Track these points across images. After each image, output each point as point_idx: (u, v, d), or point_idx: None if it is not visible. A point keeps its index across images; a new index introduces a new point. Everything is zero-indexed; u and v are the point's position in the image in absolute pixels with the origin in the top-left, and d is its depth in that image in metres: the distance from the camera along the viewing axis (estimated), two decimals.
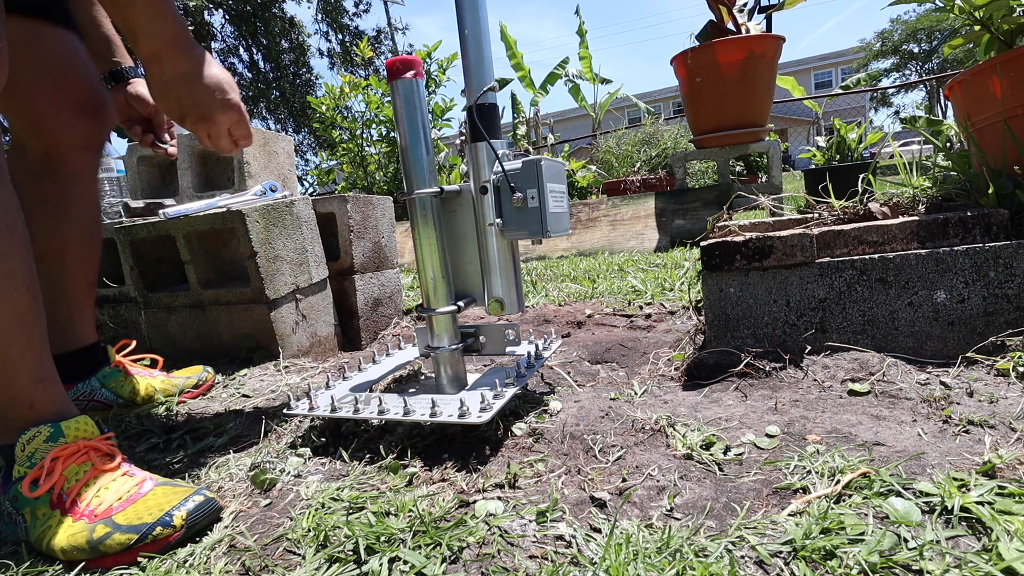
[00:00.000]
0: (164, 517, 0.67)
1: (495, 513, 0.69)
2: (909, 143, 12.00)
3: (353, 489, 0.78)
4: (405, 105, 0.95)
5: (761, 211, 2.94)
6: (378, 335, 1.90)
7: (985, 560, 0.52)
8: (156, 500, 0.69)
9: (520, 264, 1.03)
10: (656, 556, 0.58)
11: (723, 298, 1.14)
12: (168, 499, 0.70)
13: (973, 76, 1.19)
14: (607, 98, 8.83)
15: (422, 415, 0.88)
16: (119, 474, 0.73)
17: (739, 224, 1.24)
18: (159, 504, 0.69)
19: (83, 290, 1.11)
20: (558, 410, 0.99)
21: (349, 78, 5.18)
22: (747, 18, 3.77)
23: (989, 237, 1.03)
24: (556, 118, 12.81)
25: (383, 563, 0.60)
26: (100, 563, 0.65)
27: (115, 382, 1.15)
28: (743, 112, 3.78)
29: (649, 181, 5.65)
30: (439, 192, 0.97)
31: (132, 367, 1.19)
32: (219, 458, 0.95)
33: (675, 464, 0.78)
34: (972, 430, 0.78)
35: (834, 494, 0.66)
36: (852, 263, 1.07)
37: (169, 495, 0.71)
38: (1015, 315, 1.01)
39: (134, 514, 0.67)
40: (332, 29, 18.96)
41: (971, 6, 1.22)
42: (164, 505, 0.68)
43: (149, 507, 0.68)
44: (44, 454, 0.69)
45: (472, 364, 1.39)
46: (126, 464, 0.76)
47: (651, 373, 1.22)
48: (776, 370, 1.05)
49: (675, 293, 1.96)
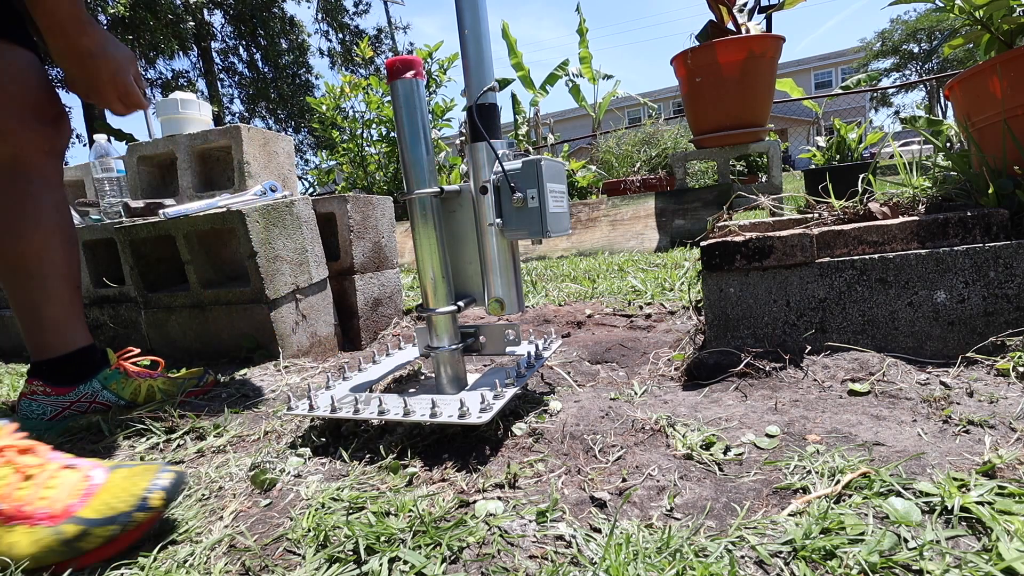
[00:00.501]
0: (141, 502, 0.65)
1: (495, 513, 0.69)
2: (909, 143, 12.00)
3: (353, 489, 0.78)
4: (405, 105, 0.95)
5: (761, 211, 2.94)
6: (378, 335, 1.90)
7: (985, 560, 0.52)
8: (122, 486, 0.67)
9: (520, 264, 1.03)
10: (656, 556, 0.58)
11: (723, 298, 1.14)
12: (135, 482, 0.68)
13: (973, 76, 1.19)
14: (607, 98, 8.82)
15: (422, 415, 0.88)
16: (55, 468, 0.68)
17: (739, 224, 1.24)
18: (127, 489, 0.66)
19: (70, 292, 1.11)
20: (558, 410, 0.99)
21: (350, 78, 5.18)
22: (747, 18, 3.77)
23: (989, 237, 1.03)
24: (556, 118, 12.80)
25: (383, 563, 0.60)
26: (84, 560, 0.64)
27: (116, 384, 1.15)
28: (743, 112, 3.78)
29: (649, 181, 5.65)
30: (439, 192, 0.97)
31: (133, 369, 1.19)
32: (219, 458, 0.95)
33: (675, 464, 0.78)
34: (972, 430, 0.78)
35: (834, 494, 0.66)
36: (852, 263, 1.07)
37: (135, 478, 0.68)
38: (1015, 315, 1.01)
39: (104, 506, 0.65)
40: (332, 28, 18.98)
41: (971, 6, 1.22)
42: (134, 489, 0.66)
43: (117, 495, 0.66)
44: None
45: (472, 364, 1.39)
46: (55, 454, 0.71)
47: (651, 373, 1.22)
48: (776, 370, 1.06)
49: (675, 293, 1.96)
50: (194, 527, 0.73)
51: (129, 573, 0.64)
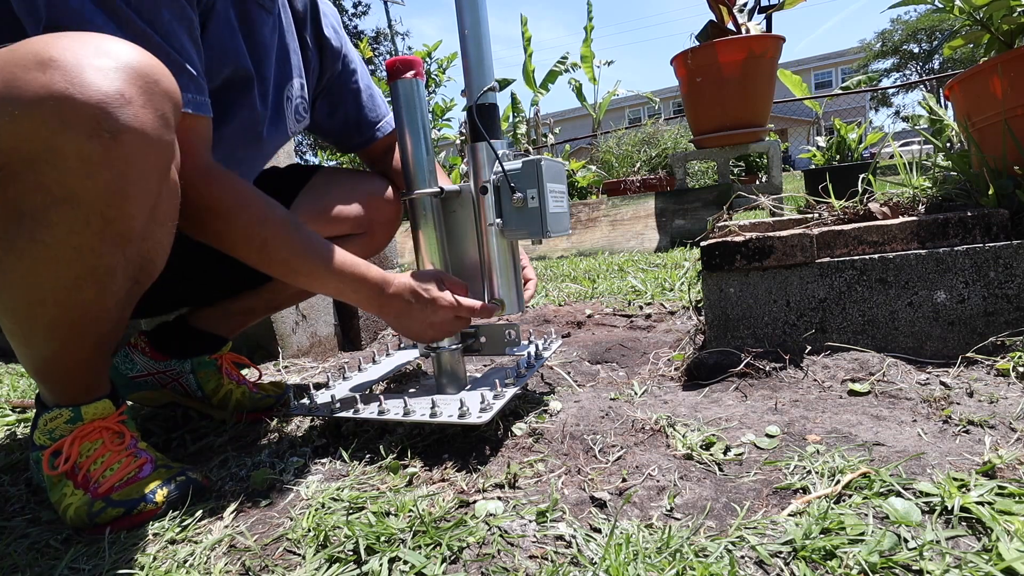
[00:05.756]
0: (148, 494, 0.77)
1: (495, 513, 0.69)
2: (909, 143, 11.99)
3: (353, 489, 0.78)
4: (405, 105, 0.95)
5: (761, 211, 2.94)
6: (378, 335, 1.90)
7: (985, 560, 0.52)
8: (148, 479, 0.79)
9: (520, 264, 1.03)
10: (656, 556, 0.58)
11: (723, 298, 1.14)
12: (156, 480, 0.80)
13: (973, 76, 1.19)
14: (607, 97, 8.82)
15: (422, 415, 0.88)
16: (125, 454, 0.80)
17: (739, 224, 1.24)
18: (148, 484, 0.79)
19: None
20: (558, 410, 0.99)
21: None
22: (747, 18, 3.77)
23: (989, 237, 1.03)
24: (556, 118, 12.79)
25: (383, 563, 0.60)
26: (98, 531, 0.75)
27: (205, 373, 1.12)
28: (743, 112, 3.78)
29: (649, 181, 5.65)
30: (439, 192, 0.97)
31: (231, 369, 1.16)
32: (219, 458, 0.95)
33: (675, 464, 0.78)
34: (972, 430, 0.79)
35: (834, 494, 0.66)
36: (852, 263, 1.07)
37: (161, 475, 0.80)
38: (1015, 315, 1.01)
39: (127, 493, 0.77)
40: None
41: (971, 6, 1.22)
42: (151, 484, 0.78)
43: (140, 487, 0.78)
44: (64, 432, 0.78)
45: (472, 364, 1.39)
46: (133, 442, 0.83)
47: (651, 373, 1.22)
48: (776, 370, 1.06)
49: (675, 293, 1.96)
50: (194, 527, 0.73)
51: (129, 573, 0.64)
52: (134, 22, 0.69)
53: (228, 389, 1.12)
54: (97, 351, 0.77)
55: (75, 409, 0.78)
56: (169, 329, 1.13)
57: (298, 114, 1.03)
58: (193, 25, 0.75)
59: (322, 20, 1.05)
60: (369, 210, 1.15)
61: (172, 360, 1.11)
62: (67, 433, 0.78)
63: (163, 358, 1.11)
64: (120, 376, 1.10)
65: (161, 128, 0.64)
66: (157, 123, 0.63)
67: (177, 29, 0.72)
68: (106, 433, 0.80)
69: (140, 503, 0.76)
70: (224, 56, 0.82)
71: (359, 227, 1.14)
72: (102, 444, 0.79)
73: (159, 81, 0.64)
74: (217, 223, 0.81)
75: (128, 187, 0.63)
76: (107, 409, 0.81)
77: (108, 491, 0.76)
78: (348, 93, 1.13)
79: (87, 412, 0.78)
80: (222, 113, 0.85)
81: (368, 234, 1.16)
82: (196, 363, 1.12)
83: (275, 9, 0.92)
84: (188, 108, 0.73)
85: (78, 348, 0.74)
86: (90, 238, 0.64)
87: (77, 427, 0.78)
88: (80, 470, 0.77)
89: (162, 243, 0.74)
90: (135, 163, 0.63)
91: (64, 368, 0.76)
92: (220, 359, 1.14)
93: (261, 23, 0.89)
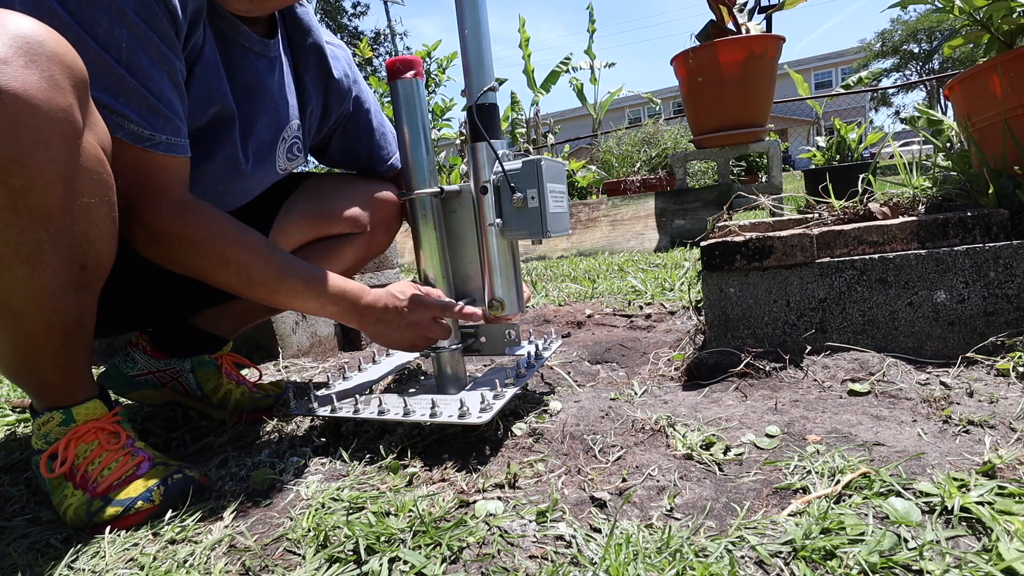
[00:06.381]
0: (145, 493, 0.77)
1: (495, 513, 0.69)
2: (909, 143, 11.99)
3: (353, 489, 0.78)
4: (405, 105, 0.95)
5: (761, 211, 2.94)
6: None
7: (985, 560, 0.52)
8: (147, 477, 0.79)
9: (520, 264, 1.03)
10: (656, 556, 0.58)
11: (723, 298, 1.14)
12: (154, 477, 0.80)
13: (973, 76, 1.19)
14: (608, 98, 8.82)
15: (422, 415, 0.88)
16: (122, 453, 0.81)
17: (739, 224, 1.24)
18: (147, 481, 0.79)
19: None
20: (558, 410, 0.99)
21: None
22: (747, 18, 3.77)
23: (989, 237, 1.03)
24: (556, 118, 12.79)
25: (383, 563, 0.60)
26: (98, 530, 0.75)
27: (204, 373, 1.12)
28: (743, 112, 3.78)
29: (649, 181, 5.65)
30: (439, 192, 0.97)
31: (230, 369, 1.16)
32: (219, 458, 0.95)
33: (675, 464, 0.78)
34: (972, 430, 0.79)
35: (834, 494, 0.66)
36: (852, 263, 1.07)
37: (159, 472, 0.81)
38: (1015, 315, 1.01)
39: (125, 491, 0.77)
40: (332, 29, 18.99)
41: (971, 6, 1.22)
42: (150, 482, 0.79)
43: (137, 485, 0.78)
44: (59, 435, 0.78)
45: (472, 364, 1.39)
46: (130, 441, 0.83)
47: (651, 373, 1.22)
48: (776, 370, 1.06)
49: (675, 293, 1.96)
50: (194, 527, 0.73)
51: (129, 573, 0.64)
52: (112, 67, 0.71)
53: (227, 389, 1.12)
54: (65, 346, 0.75)
55: (66, 411, 0.79)
56: (169, 328, 1.13)
57: (291, 153, 1.05)
58: (174, 70, 0.77)
59: (331, 64, 1.07)
60: (368, 208, 1.16)
61: (172, 359, 1.11)
62: (61, 436, 0.78)
63: (163, 357, 1.11)
64: (121, 375, 1.11)
65: (50, 90, 0.62)
66: (44, 84, 0.62)
67: (155, 74, 0.74)
68: (101, 434, 0.81)
69: (139, 501, 0.77)
70: (210, 97, 0.85)
71: (358, 226, 1.14)
72: (98, 444, 0.80)
73: (45, 43, 0.62)
74: (196, 255, 0.82)
75: (23, 153, 0.61)
76: (99, 410, 0.81)
77: (106, 490, 0.77)
78: (362, 131, 1.17)
79: (79, 413, 0.79)
80: (205, 151, 0.88)
81: (368, 233, 1.16)
82: (196, 362, 1.12)
83: (270, 53, 0.94)
84: (159, 149, 0.76)
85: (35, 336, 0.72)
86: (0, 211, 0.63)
87: (71, 429, 0.79)
88: (78, 471, 0.78)
89: (99, 224, 0.72)
90: (25, 126, 0.61)
91: (30, 364, 0.75)
92: (220, 359, 1.14)
93: (247, 65, 0.91)
